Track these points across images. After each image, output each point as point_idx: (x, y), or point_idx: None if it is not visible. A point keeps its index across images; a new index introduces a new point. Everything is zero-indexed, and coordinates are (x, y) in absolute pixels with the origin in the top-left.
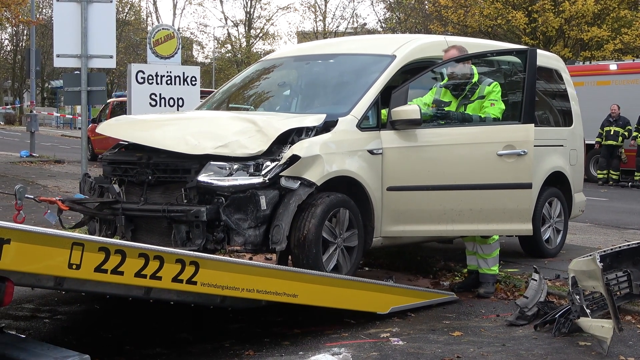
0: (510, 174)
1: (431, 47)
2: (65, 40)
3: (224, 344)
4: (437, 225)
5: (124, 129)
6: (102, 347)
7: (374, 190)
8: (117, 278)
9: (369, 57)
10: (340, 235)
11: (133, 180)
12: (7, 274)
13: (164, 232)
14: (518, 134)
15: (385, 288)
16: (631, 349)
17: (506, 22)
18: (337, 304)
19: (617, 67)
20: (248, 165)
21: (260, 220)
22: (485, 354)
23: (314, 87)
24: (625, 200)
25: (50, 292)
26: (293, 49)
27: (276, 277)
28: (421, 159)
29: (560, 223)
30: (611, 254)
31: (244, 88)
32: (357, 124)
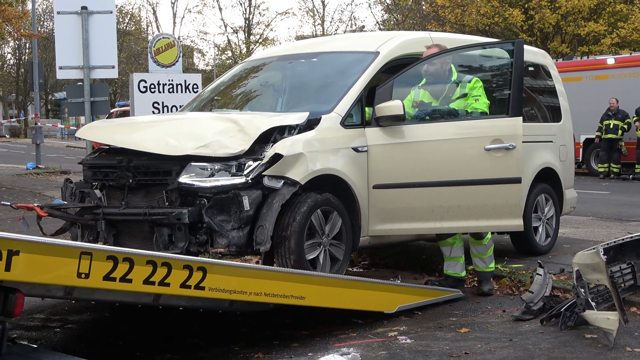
0: (498, 168)
1: (415, 43)
2: (67, 52)
3: (234, 348)
4: (425, 223)
5: (104, 133)
6: (113, 354)
7: (360, 189)
8: (126, 286)
9: (352, 55)
10: (325, 235)
11: (114, 185)
12: (17, 285)
13: (146, 235)
14: (506, 128)
15: (391, 287)
16: (637, 340)
17: (503, 19)
18: (345, 304)
19: (615, 61)
20: (230, 166)
21: (243, 221)
22: (493, 349)
23: (298, 86)
24: (627, 192)
25: (61, 302)
26: (278, 49)
27: (283, 280)
28: (407, 156)
29: (552, 220)
30: (614, 246)
31: (230, 87)
32: (341, 122)
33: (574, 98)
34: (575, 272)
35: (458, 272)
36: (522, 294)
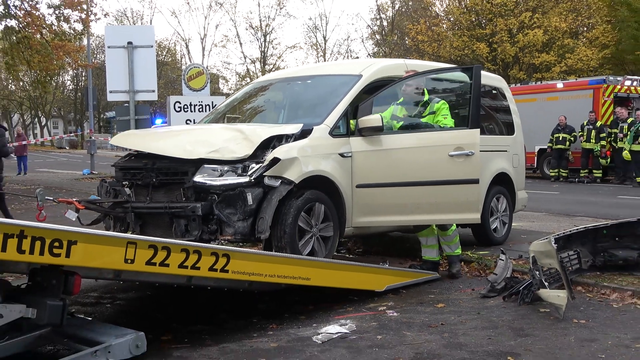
0: (460, 171)
1: (392, 68)
2: (116, 79)
3: (253, 320)
4: (399, 216)
5: (133, 140)
6: (154, 325)
7: (345, 188)
8: (164, 269)
9: (339, 77)
10: (315, 226)
11: (140, 183)
12: (75, 269)
13: (166, 225)
14: (466, 138)
15: (381, 270)
16: (582, 313)
17: (472, 52)
18: (343, 284)
19: (563, 86)
20: (236, 167)
21: (247, 213)
22: (464, 321)
23: (296, 102)
24: (573, 193)
25: (111, 282)
26: (281, 72)
27: (292, 264)
28: (385, 160)
29: (506, 216)
30: (563, 236)
31: (241, 103)
32: (330, 132)
33: (530, 116)
34: (531, 258)
35: (434, 256)
36: (488, 276)
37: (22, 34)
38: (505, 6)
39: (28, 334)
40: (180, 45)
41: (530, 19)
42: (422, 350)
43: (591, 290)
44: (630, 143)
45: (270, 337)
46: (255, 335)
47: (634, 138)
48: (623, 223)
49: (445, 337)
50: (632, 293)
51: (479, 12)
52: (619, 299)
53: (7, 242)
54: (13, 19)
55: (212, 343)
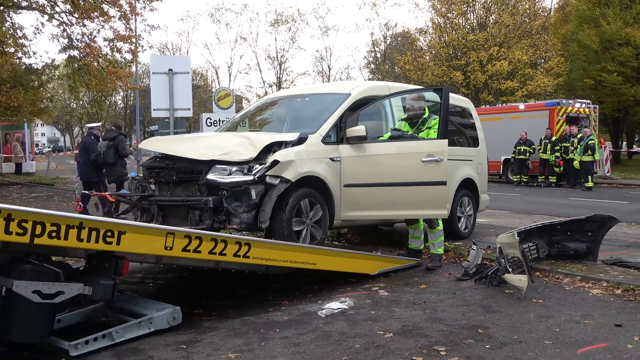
0: (430, 174)
1: (376, 88)
2: (159, 99)
3: (269, 297)
4: (379, 211)
5: (158, 145)
6: (188, 300)
7: (335, 187)
8: (197, 255)
9: (332, 95)
10: (308, 218)
11: (163, 180)
12: (124, 254)
13: (184, 216)
14: (436, 147)
15: (374, 257)
16: (539, 294)
17: (449, 78)
18: (343, 268)
19: (525, 107)
20: (243, 168)
21: (251, 206)
22: (442, 299)
23: (296, 115)
24: (533, 195)
25: (152, 265)
26: (286, 91)
27: (301, 252)
28: (368, 164)
29: (471, 215)
30: (525, 230)
31: (253, 115)
32: (322, 140)
33: (497, 131)
34: (498, 248)
35: (418, 246)
36: (462, 262)
37: (83, 62)
38: (477, 42)
39: (85, 307)
40: (211, 71)
41: (497, 52)
42: (408, 324)
43: (547, 275)
44: (580, 155)
45: (283, 311)
46: (271, 310)
47: (584, 151)
48: (574, 220)
49: (427, 313)
50: (581, 278)
51: (456, 46)
52: (570, 283)
53: (68, 232)
54: (75, 50)
55: (235, 315)
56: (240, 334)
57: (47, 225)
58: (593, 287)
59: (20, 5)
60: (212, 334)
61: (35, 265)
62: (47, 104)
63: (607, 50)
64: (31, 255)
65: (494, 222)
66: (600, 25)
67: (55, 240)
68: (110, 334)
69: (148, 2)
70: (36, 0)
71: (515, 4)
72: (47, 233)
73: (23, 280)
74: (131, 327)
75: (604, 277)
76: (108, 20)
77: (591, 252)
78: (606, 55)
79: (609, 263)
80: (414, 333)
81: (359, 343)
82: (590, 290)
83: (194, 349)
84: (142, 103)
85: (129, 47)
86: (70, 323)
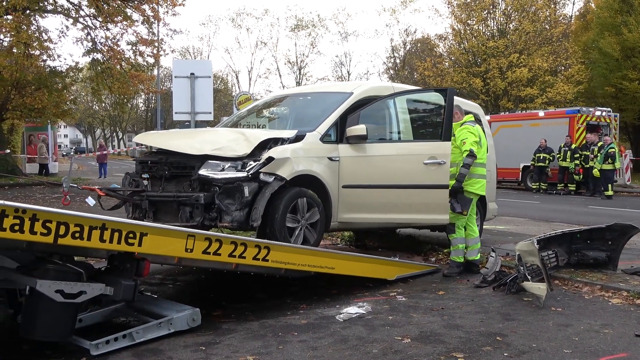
0: (432, 177)
1: (379, 88)
2: (180, 102)
3: (287, 301)
4: (379, 214)
5: (152, 139)
6: (207, 302)
7: (332, 187)
8: (217, 257)
9: (334, 94)
10: (303, 218)
11: (155, 175)
12: (145, 255)
13: (174, 212)
14: (439, 148)
15: (392, 262)
16: (558, 302)
17: (468, 85)
18: (361, 273)
19: (544, 114)
20: (236, 164)
21: (244, 204)
22: (461, 306)
23: (299, 112)
24: (552, 202)
25: (173, 267)
26: (293, 88)
27: (320, 256)
28: (368, 165)
29: (478, 223)
30: (544, 238)
31: (260, 111)
32: (320, 138)
33: (516, 138)
34: (517, 256)
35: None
36: (481, 269)
37: (106, 65)
38: (497, 49)
39: (106, 307)
40: (231, 76)
41: (517, 59)
42: (425, 330)
43: (566, 283)
44: (600, 163)
45: (301, 315)
46: (289, 313)
47: (604, 159)
48: (594, 228)
49: (445, 319)
50: (601, 287)
51: (476, 53)
52: (590, 292)
53: (91, 233)
54: (99, 53)
55: (254, 318)
56: (259, 336)
57: (71, 225)
58: (613, 296)
59: (46, 9)
60: (230, 336)
61: (59, 265)
62: (71, 106)
63: (628, 58)
64: (54, 255)
65: (513, 230)
66: (622, 33)
67: (78, 240)
68: (130, 334)
69: (171, 7)
70: (61, 4)
71: (536, 11)
72: (70, 233)
73: (46, 279)
74: (151, 327)
75: (624, 286)
76: (131, 25)
77: (611, 261)
78: (627, 63)
79: (629, 272)
80: (432, 339)
81: (376, 348)
82: (610, 300)
83: (213, 350)
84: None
85: (151, 51)
86: (91, 323)
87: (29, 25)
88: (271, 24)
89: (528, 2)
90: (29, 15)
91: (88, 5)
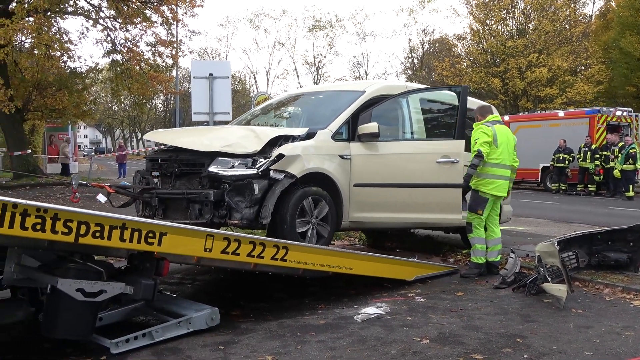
0: (445, 176)
1: (391, 88)
2: (199, 103)
3: (305, 301)
4: (390, 213)
5: (162, 136)
6: (226, 302)
7: (344, 186)
8: (235, 257)
9: (347, 92)
10: (314, 217)
11: (165, 172)
12: (165, 255)
13: (184, 210)
14: (452, 147)
15: (410, 263)
16: (579, 304)
17: (487, 85)
18: (379, 273)
19: (564, 115)
20: (246, 161)
21: (253, 202)
22: (480, 307)
23: (312, 111)
24: (571, 203)
25: (191, 266)
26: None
27: (338, 256)
28: (380, 164)
29: None
30: (564, 239)
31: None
32: (332, 136)
33: (536, 139)
34: (537, 257)
35: (494, 258)
36: (500, 270)
37: (125, 66)
38: (516, 48)
39: (126, 306)
40: (249, 76)
41: (537, 59)
42: (444, 331)
43: (587, 285)
44: (621, 164)
45: (319, 315)
46: (307, 313)
47: (625, 159)
48: (615, 230)
49: (464, 320)
50: (622, 289)
51: (494, 52)
52: (611, 293)
53: (112, 232)
54: (118, 54)
55: (272, 318)
56: (277, 336)
57: (92, 225)
58: (634, 298)
59: (67, 11)
60: (249, 335)
61: (79, 264)
62: (90, 106)
63: None
64: (75, 255)
65: (532, 231)
66: None
67: (99, 240)
68: (150, 333)
69: (189, 8)
70: (82, 6)
71: (556, 11)
72: (91, 233)
73: (67, 278)
74: (170, 326)
75: None
76: (150, 26)
77: (632, 262)
78: None
79: None
80: (451, 340)
81: (395, 349)
82: (632, 302)
83: (232, 350)
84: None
85: (170, 52)
86: (111, 321)
87: (50, 27)
88: (289, 24)
89: (547, 2)
90: (50, 17)
91: (108, 7)
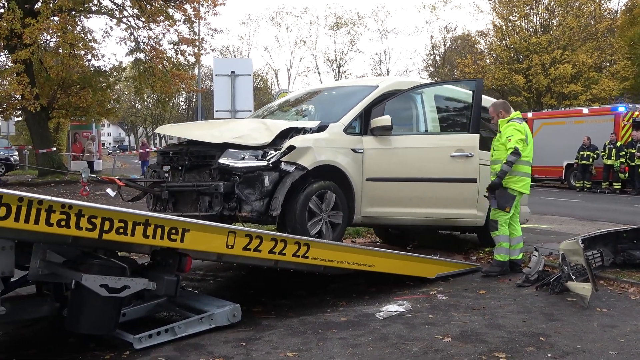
0: (459, 171)
1: (404, 83)
2: (221, 100)
3: (326, 298)
4: (404, 208)
5: (175, 129)
6: (247, 299)
7: (356, 180)
8: (257, 254)
9: (359, 87)
10: (325, 211)
11: (175, 165)
12: (187, 251)
13: (194, 202)
14: (467, 141)
15: (432, 260)
16: (604, 302)
17: (510, 82)
18: (401, 271)
19: (588, 111)
20: (257, 153)
21: (264, 194)
22: (502, 305)
23: (327, 105)
24: (596, 201)
25: (213, 263)
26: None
27: (360, 254)
28: (393, 158)
29: None
30: (589, 237)
31: (292, 104)
32: (344, 129)
33: (560, 136)
34: (561, 255)
35: (516, 255)
36: (523, 269)
37: (148, 65)
38: (540, 45)
39: (148, 302)
40: (270, 74)
41: (561, 55)
42: (467, 329)
43: (612, 284)
44: None
45: (340, 312)
46: (329, 310)
47: None
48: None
49: (487, 319)
50: None
51: (518, 49)
52: (636, 292)
53: (135, 229)
54: (141, 53)
55: (294, 315)
56: (299, 333)
57: (115, 221)
58: None
59: (91, 10)
60: (271, 332)
61: (103, 260)
62: (114, 104)
63: None
64: (99, 250)
65: (556, 229)
66: None
67: (122, 236)
68: (172, 328)
69: (212, 7)
70: (106, 5)
71: (580, 6)
72: (115, 229)
73: (91, 274)
74: (192, 322)
75: None
76: (173, 24)
77: None
78: None
79: None
80: (473, 339)
81: (417, 347)
82: None
83: (253, 346)
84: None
85: (193, 50)
86: (134, 317)
87: (74, 26)
88: (310, 22)
89: None
90: (75, 16)
91: (131, 6)
